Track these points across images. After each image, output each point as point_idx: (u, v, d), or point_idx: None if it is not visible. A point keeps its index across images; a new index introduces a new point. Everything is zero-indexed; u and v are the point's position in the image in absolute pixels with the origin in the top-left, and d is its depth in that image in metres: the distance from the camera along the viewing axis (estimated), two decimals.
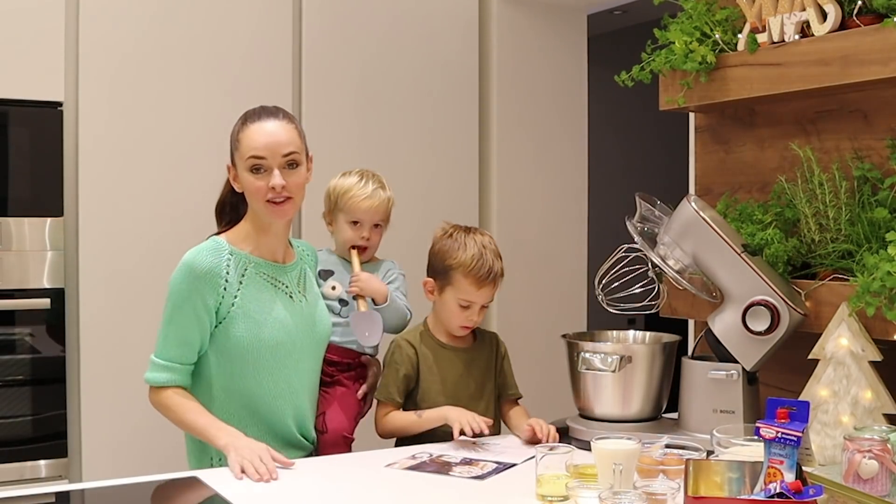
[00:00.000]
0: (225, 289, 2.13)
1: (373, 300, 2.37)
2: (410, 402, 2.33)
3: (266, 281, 2.20)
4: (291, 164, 2.14)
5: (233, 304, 2.14)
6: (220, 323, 2.14)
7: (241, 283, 2.15)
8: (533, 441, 2.18)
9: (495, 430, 2.35)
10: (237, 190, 2.20)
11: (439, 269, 2.31)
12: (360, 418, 2.39)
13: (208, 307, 2.12)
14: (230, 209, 2.27)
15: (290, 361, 2.19)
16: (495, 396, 2.39)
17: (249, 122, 2.15)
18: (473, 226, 2.40)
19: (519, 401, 2.43)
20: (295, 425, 2.23)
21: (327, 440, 2.30)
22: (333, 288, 2.40)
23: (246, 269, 2.17)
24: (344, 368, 2.39)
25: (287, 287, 2.23)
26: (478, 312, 2.31)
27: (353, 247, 2.40)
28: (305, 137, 2.21)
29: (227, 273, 2.14)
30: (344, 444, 2.30)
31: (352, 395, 2.37)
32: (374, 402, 2.38)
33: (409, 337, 2.35)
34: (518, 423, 2.32)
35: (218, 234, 2.23)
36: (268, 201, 2.14)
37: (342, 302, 2.40)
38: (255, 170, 2.12)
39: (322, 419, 2.31)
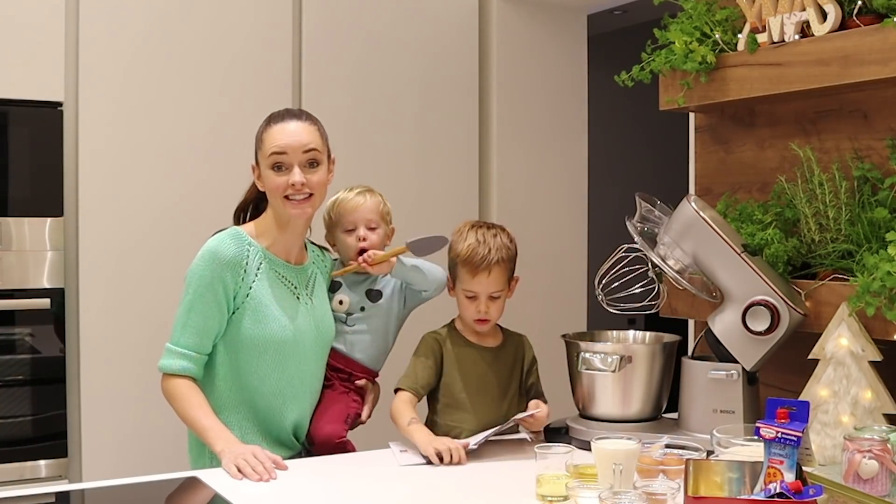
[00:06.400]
0: (243, 279, 2.16)
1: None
2: (431, 396, 2.32)
3: (277, 278, 2.22)
4: (312, 162, 2.18)
5: (247, 296, 2.16)
6: (234, 313, 2.16)
7: (256, 275, 2.18)
8: (526, 423, 2.23)
9: (514, 431, 2.34)
10: (260, 188, 2.23)
11: (449, 266, 2.33)
12: (354, 420, 2.36)
13: (228, 295, 2.14)
14: (252, 210, 2.31)
15: (294, 361, 2.21)
16: (518, 399, 2.36)
17: (273, 123, 2.20)
18: (495, 223, 2.37)
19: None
20: (291, 426, 2.24)
21: (318, 449, 2.28)
22: (341, 302, 2.39)
23: (262, 263, 2.19)
24: (345, 378, 2.37)
25: (296, 288, 2.25)
26: (486, 303, 2.26)
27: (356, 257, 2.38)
28: (328, 139, 2.24)
29: (247, 263, 2.17)
30: (336, 449, 2.27)
31: (344, 396, 2.35)
32: (372, 413, 2.39)
33: (436, 332, 2.34)
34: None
35: (238, 225, 2.25)
36: (286, 198, 2.16)
37: (349, 314, 2.39)
38: (276, 166, 2.16)
39: (310, 430, 2.29)
